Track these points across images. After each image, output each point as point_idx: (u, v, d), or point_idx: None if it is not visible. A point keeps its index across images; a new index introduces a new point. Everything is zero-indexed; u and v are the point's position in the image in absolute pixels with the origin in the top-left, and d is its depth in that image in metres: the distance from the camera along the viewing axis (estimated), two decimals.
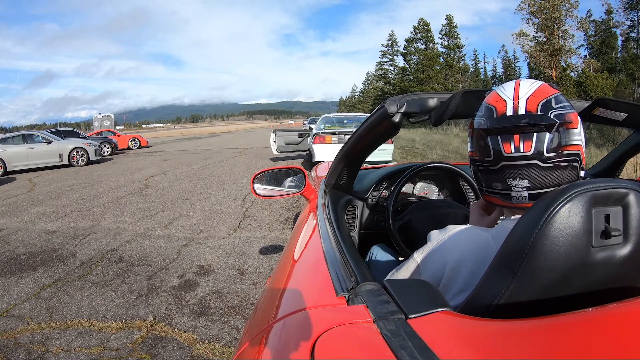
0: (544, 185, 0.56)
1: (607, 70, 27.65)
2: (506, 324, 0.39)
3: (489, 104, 0.61)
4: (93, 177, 8.37)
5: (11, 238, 4.01)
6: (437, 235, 0.64)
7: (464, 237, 0.60)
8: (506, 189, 0.59)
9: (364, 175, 1.52)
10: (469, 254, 0.57)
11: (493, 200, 0.63)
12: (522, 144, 0.56)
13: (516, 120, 0.56)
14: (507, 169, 0.57)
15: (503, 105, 0.58)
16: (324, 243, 0.81)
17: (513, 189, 0.58)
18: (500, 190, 0.60)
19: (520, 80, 0.62)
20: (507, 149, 0.57)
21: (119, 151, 15.45)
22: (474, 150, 0.63)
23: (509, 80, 0.65)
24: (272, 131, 9.36)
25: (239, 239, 3.62)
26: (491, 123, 0.58)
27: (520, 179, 0.57)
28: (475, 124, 0.62)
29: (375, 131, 0.92)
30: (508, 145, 0.56)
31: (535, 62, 29.73)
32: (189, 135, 36.11)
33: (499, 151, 0.57)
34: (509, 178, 0.57)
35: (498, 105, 0.59)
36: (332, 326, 0.43)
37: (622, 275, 0.45)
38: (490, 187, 0.62)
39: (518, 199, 0.58)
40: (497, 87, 0.65)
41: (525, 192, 0.57)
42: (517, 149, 0.56)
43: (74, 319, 2.23)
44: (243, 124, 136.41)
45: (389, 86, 42.38)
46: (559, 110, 0.56)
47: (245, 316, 2.20)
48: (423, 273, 0.63)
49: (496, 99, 0.60)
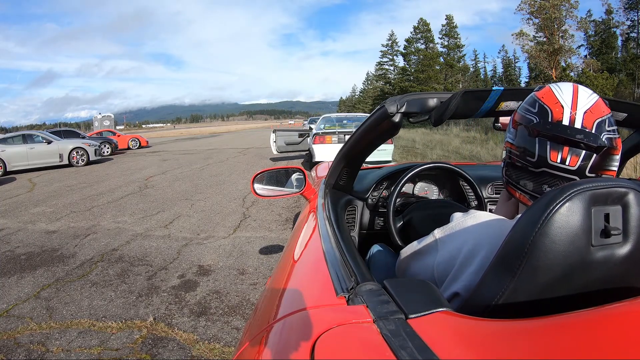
0: None
1: (607, 70, 27.65)
2: (506, 323, 0.39)
3: (545, 104, 0.59)
4: (93, 177, 8.37)
5: (11, 238, 4.01)
6: (460, 217, 0.64)
7: (484, 224, 0.60)
8: (538, 192, 0.59)
9: (364, 175, 1.52)
10: (486, 240, 0.57)
11: (517, 195, 0.63)
12: (570, 157, 0.55)
13: (571, 133, 0.55)
14: (546, 176, 0.57)
15: (560, 112, 0.57)
16: (324, 243, 0.81)
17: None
18: (530, 191, 0.60)
19: (579, 88, 0.60)
20: (553, 157, 0.56)
21: (119, 151, 15.45)
22: (516, 144, 0.62)
23: (509, 81, 0.64)
24: (272, 131, 9.36)
25: (239, 239, 3.62)
26: (545, 127, 0.57)
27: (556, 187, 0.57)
28: (525, 120, 0.60)
29: (375, 131, 0.92)
30: (555, 153, 0.56)
31: (535, 62, 29.75)
32: (189, 135, 36.12)
33: (544, 156, 0.57)
34: (545, 184, 0.58)
35: (555, 109, 0.57)
36: (332, 326, 0.43)
37: (621, 274, 0.45)
38: (518, 184, 0.62)
39: None
40: (554, 84, 0.62)
41: None
42: (564, 160, 0.55)
43: (74, 319, 2.23)
44: (243, 124, 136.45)
45: (389, 86, 42.39)
46: (611, 134, 0.56)
47: (245, 316, 2.21)
48: (440, 250, 0.63)
49: (553, 100, 0.59)
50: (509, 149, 0.64)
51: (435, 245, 0.64)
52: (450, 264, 0.60)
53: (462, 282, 0.56)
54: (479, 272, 0.54)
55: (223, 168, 8.93)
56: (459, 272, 0.58)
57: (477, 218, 0.61)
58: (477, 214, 0.62)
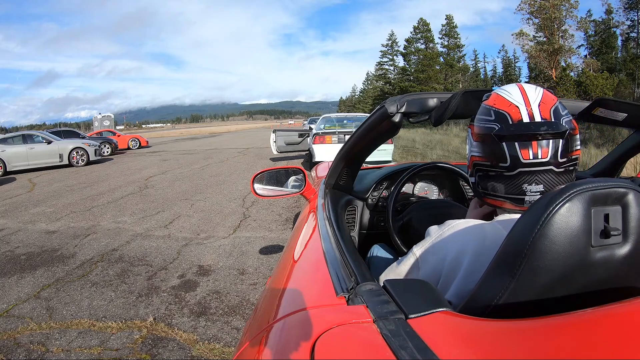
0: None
1: (607, 70, 27.64)
2: (506, 323, 0.39)
3: (500, 110, 0.60)
4: (93, 177, 8.37)
5: (11, 238, 4.01)
6: (436, 230, 0.64)
7: (462, 230, 0.60)
8: (520, 193, 0.59)
9: (364, 175, 1.52)
10: (468, 244, 0.57)
11: (498, 204, 0.63)
12: (540, 150, 0.57)
13: (535, 128, 0.57)
14: (524, 175, 0.58)
15: (517, 112, 0.58)
16: (324, 243, 0.81)
17: (527, 193, 0.58)
18: (512, 194, 0.60)
19: (524, 85, 0.63)
20: (525, 156, 0.57)
21: (119, 151, 15.45)
22: (483, 155, 0.62)
23: (509, 80, 0.65)
24: (272, 131, 9.36)
25: (239, 239, 3.62)
26: (509, 129, 0.58)
27: (536, 184, 0.57)
28: (486, 129, 0.61)
29: (375, 131, 0.92)
30: (526, 151, 0.57)
31: (535, 62, 29.74)
32: (189, 135, 36.12)
33: (516, 157, 0.58)
34: (525, 183, 0.58)
35: (511, 112, 0.59)
36: (332, 326, 0.43)
37: (621, 275, 0.45)
38: (497, 192, 0.61)
39: (531, 203, 0.58)
40: (498, 89, 0.64)
41: (538, 196, 0.58)
42: (535, 155, 0.57)
43: (74, 319, 2.24)
44: (243, 124, 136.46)
45: (389, 86, 42.39)
46: (567, 117, 0.59)
47: (245, 316, 2.21)
48: (422, 267, 0.64)
49: (506, 104, 0.60)
50: (476, 162, 0.64)
51: (416, 263, 0.65)
52: (434, 277, 0.61)
53: (453, 290, 0.56)
54: (468, 277, 0.55)
55: (223, 168, 8.93)
56: (447, 282, 0.58)
57: (454, 227, 0.62)
58: (453, 223, 0.62)
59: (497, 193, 0.62)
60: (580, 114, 0.85)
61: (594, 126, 13.52)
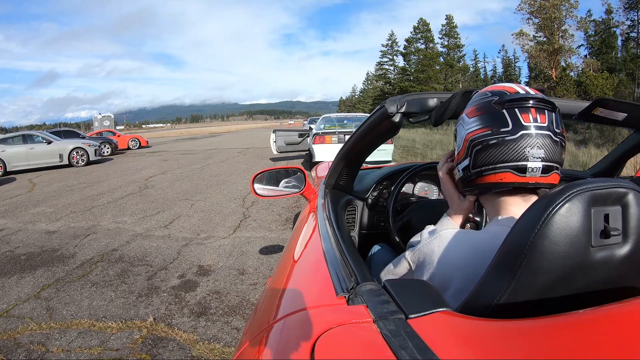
0: (553, 159, 0.60)
1: (607, 70, 27.63)
2: (506, 323, 0.39)
3: (496, 89, 0.64)
4: (93, 178, 8.37)
5: (11, 238, 4.01)
6: (427, 238, 0.65)
7: (451, 243, 0.61)
8: (523, 159, 0.59)
9: (364, 175, 1.52)
10: (457, 260, 0.59)
11: (497, 178, 0.62)
12: (539, 116, 0.59)
13: (532, 97, 0.60)
14: (526, 138, 0.59)
15: (513, 90, 0.62)
16: (324, 243, 0.81)
17: (530, 158, 0.59)
18: (515, 162, 0.59)
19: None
20: (525, 119, 0.59)
21: (119, 151, 15.45)
22: (483, 126, 0.62)
23: (509, 81, 0.66)
24: (272, 131, 9.36)
25: (239, 239, 3.62)
26: (509, 97, 0.61)
27: (538, 148, 0.59)
28: (485, 101, 0.63)
29: (375, 131, 0.92)
30: (526, 115, 0.59)
31: (535, 62, 29.73)
32: (189, 136, 36.12)
33: (517, 120, 0.59)
34: (528, 147, 0.59)
35: (508, 90, 0.62)
36: (332, 326, 0.43)
37: (621, 275, 0.45)
38: (497, 162, 0.61)
39: (533, 171, 0.59)
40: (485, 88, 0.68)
41: (539, 162, 0.59)
42: (535, 119, 0.59)
43: (74, 319, 2.23)
44: (243, 124, 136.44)
45: (389, 86, 42.39)
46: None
47: (245, 316, 2.21)
48: (416, 273, 0.66)
49: (500, 87, 0.64)
50: (474, 137, 0.63)
51: (410, 268, 0.68)
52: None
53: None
54: (458, 292, 0.56)
55: (223, 168, 8.93)
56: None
57: (442, 239, 0.62)
58: (441, 234, 0.63)
59: (498, 164, 0.61)
60: (580, 114, 0.85)
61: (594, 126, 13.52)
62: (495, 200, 0.65)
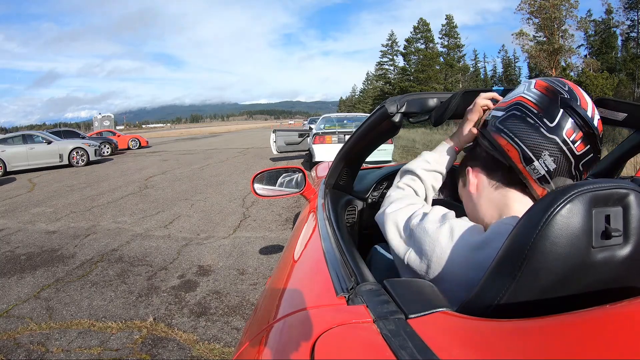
0: (552, 179, 0.60)
1: (607, 70, 27.65)
2: (506, 323, 0.38)
3: (574, 91, 0.60)
4: (93, 178, 8.37)
5: (11, 238, 4.01)
6: (436, 221, 0.63)
7: (459, 244, 0.59)
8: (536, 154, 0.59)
9: (364, 175, 1.52)
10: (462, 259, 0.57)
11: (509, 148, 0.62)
12: (580, 143, 0.58)
13: (592, 125, 0.58)
14: (553, 144, 0.58)
15: (585, 104, 0.59)
16: (324, 243, 0.81)
17: (541, 160, 0.59)
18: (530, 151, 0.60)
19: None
20: (568, 134, 0.58)
21: (119, 151, 15.45)
22: (537, 103, 0.60)
23: (509, 81, 0.65)
24: (272, 131, 9.36)
25: (239, 239, 3.62)
26: (575, 104, 0.58)
27: (553, 161, 0.59)
28: (554, 89, 0.60)
29: (375, 131, 0.92)
30: (572, 132, 0.58)
31: (535, 62, 29.74)
32: (189, 136, 36.13)
33: (561, 128, 0.58)
34: (547, 151, 0.58)
35: (582, 99, 0.59)
36: (332, 326, 0.43)
37: (622, 276, 0.45)
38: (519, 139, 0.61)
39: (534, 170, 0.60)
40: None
41: (543, 170, 0.60)
42: (574, 142, 0.58)
43: (74, 319, 2.23)
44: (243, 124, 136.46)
45: (389, 86, 42.42)
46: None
47: (245, 316, 2.21)
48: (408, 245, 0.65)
49: (579, 92, 0.60)
50: (524, 103, 0.62)
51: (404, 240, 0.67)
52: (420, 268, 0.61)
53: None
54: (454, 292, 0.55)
55: (223, 168, 8.93)
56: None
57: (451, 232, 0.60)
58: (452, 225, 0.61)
59: (517, 139, 0.60)
60: None
61: None
62: (498, 197, 0.65)
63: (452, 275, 0.57)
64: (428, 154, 0.83)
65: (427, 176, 0.81)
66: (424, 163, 0.82)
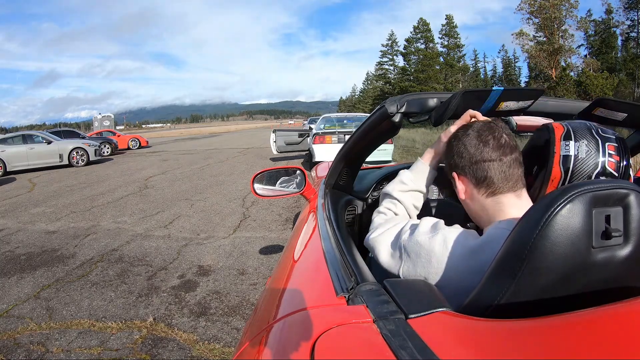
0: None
1: (607, 70, 27.64)
2: (506, 323, 0.38)
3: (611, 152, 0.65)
4: (93, 178, 8.37)
5: (11, 238, 4.01)
6: (427, 232, 0.62)
7: (455, 250, 0.59)
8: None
9: (364, 175, 1.52)
10: (460, 265, 0.57)
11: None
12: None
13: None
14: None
15: (613, 165, 0.64)
16: (324, 243, 0.81)
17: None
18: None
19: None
20: (611, 165, 0.64)
21: (119, 151, 15.45)
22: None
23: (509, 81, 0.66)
24: (272, 131, 9.36)
25: (238, 239, 3.62)
26: (609, 157, 0.64)
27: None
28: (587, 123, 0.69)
29: (375, 131, 0.92)
30: (612, 164, 0.64)
31: (535, 62, 29.76)
32: (189, 136, 36.12)
33: (601, 165, 0.64)
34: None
35: (611, 161, 0.64)
36: (332, 326, 0.43)
37: (622, 276, 0.45)
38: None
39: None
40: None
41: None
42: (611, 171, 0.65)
43: (74, 319, 2.23)
44: (243, 124, 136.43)
45: (389, 86, 42.42)
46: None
47: (245, 316, 2.20)
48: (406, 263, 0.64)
49: (614, 149, 0.65)
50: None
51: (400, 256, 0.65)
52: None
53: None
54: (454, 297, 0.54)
55: (223, 168, 8.93)
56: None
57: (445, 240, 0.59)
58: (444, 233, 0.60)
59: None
60: (580, 114, 0.85)
61: None
62: (491, 204, 0.65)
63: (450, 282, 0.57)
64: (404, 174, 0.83)
65: (406, 197, 0.81)
66: (400, 185, 0.82)
